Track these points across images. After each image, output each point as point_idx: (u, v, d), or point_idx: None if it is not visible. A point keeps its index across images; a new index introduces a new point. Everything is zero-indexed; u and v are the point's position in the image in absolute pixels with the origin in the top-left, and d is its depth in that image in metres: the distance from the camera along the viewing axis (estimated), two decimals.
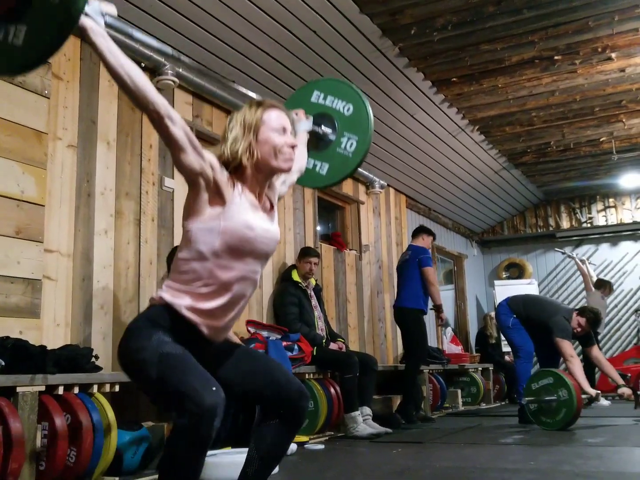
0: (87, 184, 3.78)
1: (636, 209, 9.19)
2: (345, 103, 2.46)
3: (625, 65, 5.33)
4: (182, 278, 1.80)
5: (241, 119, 1.87)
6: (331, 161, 2.46)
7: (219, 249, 1.76)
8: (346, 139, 2.43)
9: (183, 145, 1.69)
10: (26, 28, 1.56)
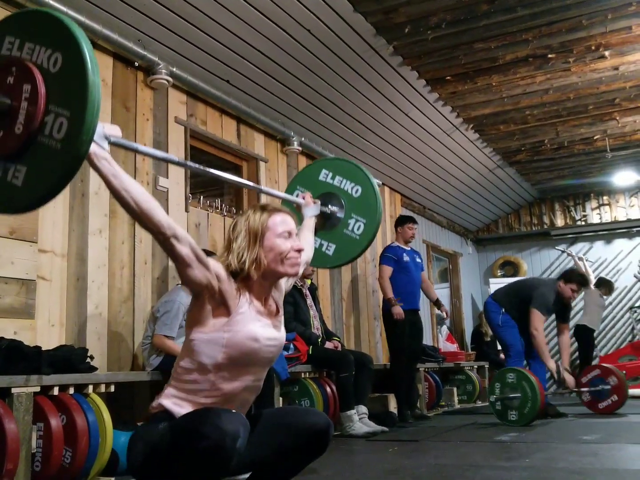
0: (81, 184, 3.77)
1: (630, 206, 9.22)
2: (353, 185, 2.47)
3: (619, 63, 5.35)
4: (183, 387, 1.77)
5: (246, 227, 1.85)
6: (338, 242, 2.44)
7: (221, 362, 1.74)
8: (354, 220, 2.43)
9: (189, 262, 1.67)
10: (26, 169, 1.50)
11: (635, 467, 2.95)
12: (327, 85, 5.15)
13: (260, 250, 1.81)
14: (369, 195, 2.45)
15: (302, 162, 6.11)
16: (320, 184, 2.52)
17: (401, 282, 5.63)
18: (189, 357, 1.77)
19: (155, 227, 1.60)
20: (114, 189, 1.56)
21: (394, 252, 5.76)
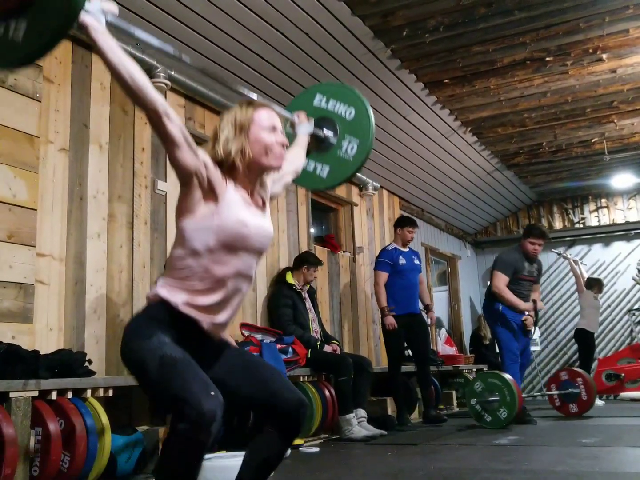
0: (80, 188, 3.77)
1: (628, 209, 9.22)
2: (347, 107, 2.48)
3: (616, 66, 5.36)
4: (177, 275, 1.81)
5: (232, 119, 1.89)
6: (332, 164, 2.47)
7: (213, 246, 1.78)
8: (347, 142, 2.45)
9: (179, 143, 1.70)
10: (26, 23, 1.57)
11: (635, 470, 2.95)
12: None
13: (245, 141, 1.87)
14: (362, 116, 2.46)
15: None
16: (315, 109, 2.54)
17: (397, 286, 5.59)
18: (181, 245, 1.81)
19: (150, 104, 1.64)
20: (111, 63, 1.62)
21: (390, 257, 5.72)
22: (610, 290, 9.24)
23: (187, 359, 1.69)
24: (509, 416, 4.82)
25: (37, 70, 3.57)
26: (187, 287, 1.79)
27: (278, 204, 5.68)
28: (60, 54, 3.77)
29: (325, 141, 2.48)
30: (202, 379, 1.65)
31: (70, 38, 3.82)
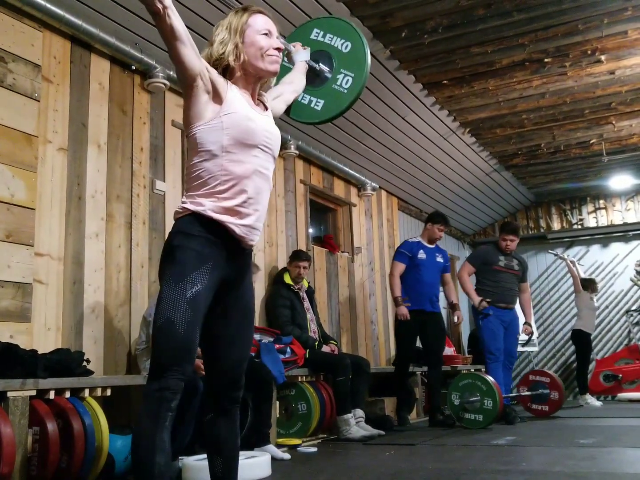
0: (78, 187, 3.77)
1: (626, 210, 9.24)
2: (343, 40, 2.47)
3: (615, 67, 5.36)
4: (198, 183, 1.85)
5: (227, 24, 1.94)
6: (326, 97, 2.46)
7: (226, 144, 1.82)
8: (342, 75, 2.43)
9: (184, 38, 1.76)
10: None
11: (633, 470, 2.95)
12: None
13: (240, 42, 1.90)
14: (358, 49, 2.45)
15: (299, 166, 6.11)
16: (311, 42, 2.52)
17: (411, 279, 5.47)
18: (196, 153, 1.85)
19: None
20: None
21: (409, 248, 5.57)
22: (608, 291, 9.25)
23: (186, 335, 1.73)
24: (489, 417, 4.91)
25: (35, 69, 3.57)
26: (210, 192, 1.82)
27: (276, 205, 5.68)
28: (59, 53, 3.77)
29: (320, 75, 2.46)
30: (183, 364, 1.72)
31: (69, 37, 3.82)
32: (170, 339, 1.72)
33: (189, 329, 1.74)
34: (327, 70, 2.47)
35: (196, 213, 1.80)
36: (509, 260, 5.80)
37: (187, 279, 1.75)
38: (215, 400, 1.92)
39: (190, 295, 1.74)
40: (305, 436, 4.48)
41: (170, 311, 1.73)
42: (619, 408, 6.95)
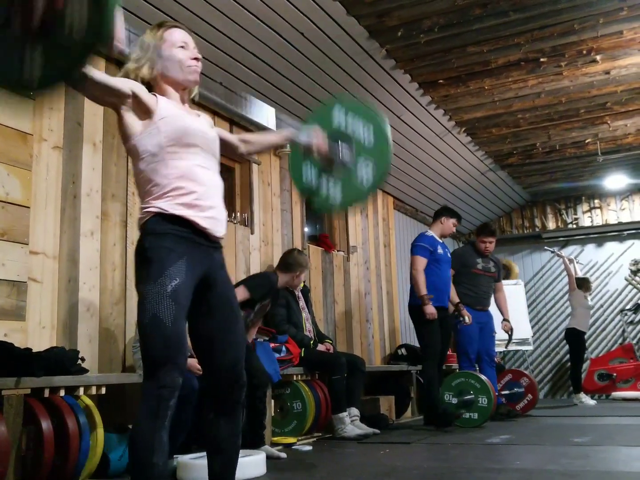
0: (73, 186, 3.76)
1: (621, 210, 9.26)
2: (366, 128, 2.37)
3: (610, 67, 5.38)
4: (149, 187, 1.88)
5: (140, 42, 1.99)
6: (344, 188, 2.38)
7: (165, 144, 1.87)
8: (362, 165, 2.35)
9: (104, 82, 1.83)
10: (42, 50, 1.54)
11: (627, 469, 2.96)
12: (320, 87, 5.16)
13: (155, 59, 1.96)
14: (381, 139, 2.33)
15: None
16: (333, 123, 2.43)
17: (433, 275, 5.22)
18: (138, 159, 1.90)
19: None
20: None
21: (430, 242, 5.31)
22: (603, 290, 9.28)
23: (174, 327, 1.74)
24: (484, 415, 4.95)
25: None
26: (162, 193, 1.86)
27: (273, 203, 5.68)
28: None
29: (339, 164, 2.36)
30: (176, 358, 1.73)
31: None
32: (160, 335, 1.73)
33: (176, 322, 1.75)
34: (346, 157, 2.36)
35: (159, 213, 1.84)
36: (486, 262, 5.83)
37: (165, 274, 1.76)
38: (216, 400, 1.92)
39: (171, 290, 1.75)
40: (301, 435, 4.48)
41: (155, 307, 1.74)
42: (613, 407, 6.98)
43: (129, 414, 3.69)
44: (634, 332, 9.01)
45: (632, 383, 8.22)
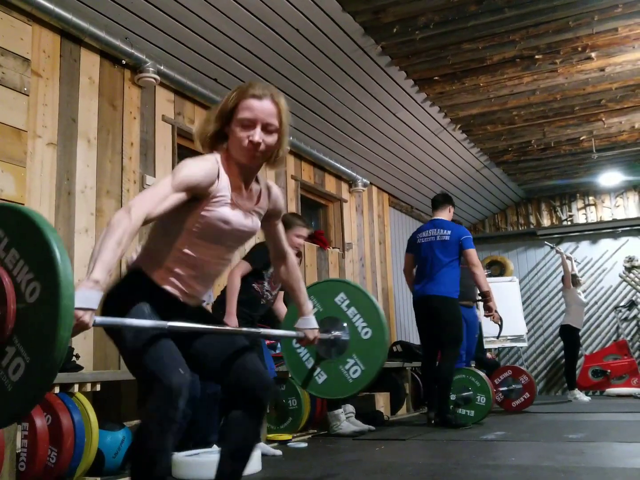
0: (68, 182, 3.75)
1: (615, 206, 9.29)
2: (365, 324, 2.28)
3: (605, 64, 5.38)
4: (157, 247, 1.84)
5: (220, 104, 1.86)
6: (330, 374, 2.31)
7: (193, 231, 1.80)
8: (352, 362, 2.26)
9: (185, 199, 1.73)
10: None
11: (621, 465, 2.97)
12: (315, 84, 5.15)
13: (226, 126, 1.84)
14: (377, 343, 2.23)
15: (290, 162, 6.10)
16: (333, 305, 2.34)
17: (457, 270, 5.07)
18: (163, 224, 1.82)
19: (144, 217, 1.63)
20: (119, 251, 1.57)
21: None
22: (597, 287, 9.30)
23: (161, 336, 1.73)
24: (481, 412, 4.97)
25: (25, 63, 3.54)
26: (164, 267, 1.83)
27: None
28: (49, 47, 3.74)
29: (329, 353, 2.29)
30: (174, 356, 1.70)
31: (59, 31, 3.79)
32: (152, 342, 1.69)
33: (163, 334, 1.73)
34: (338, 350, 2.28)
35: (144, 274, 1.82)
36: None
37: (136, 304, 1.76)
38: (243, 400, 1.88)
39: (147, 312, 1.76)
40: (296, 431, 4.48)
41: (139, 333, 1.70)
42: (608, 403, 7.00)
43: (124, 412, 3.69)
44: (628, 328, 9.04)
45: (626, 379, 8.25)
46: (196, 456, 3.02)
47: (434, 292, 4.90)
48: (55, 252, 1.35)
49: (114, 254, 1.52)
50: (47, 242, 1.36)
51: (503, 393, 6.08)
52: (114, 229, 1.55)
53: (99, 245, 1.53)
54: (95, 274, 1.48)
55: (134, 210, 1.58)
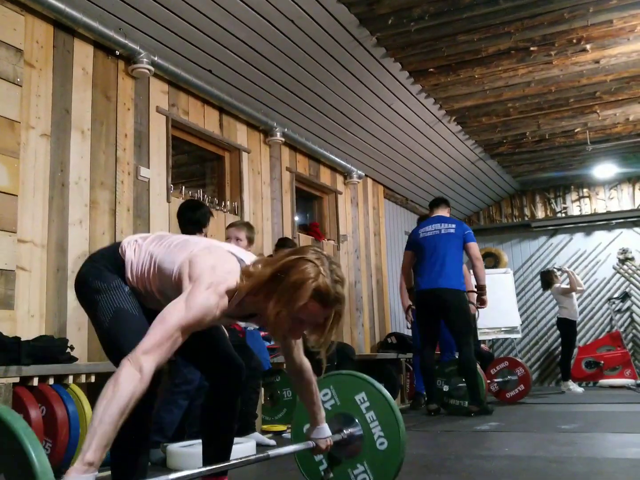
0: (61, 174, 3.74)
1: (610, 199, 9.31)
2: (382, 434, 2.13)
3: (600, 56, 5.38)
4: (139, 269, 1.82)
5: (289, 283, 1.62)
6: (336, 473, 2.19)
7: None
8: (362, 470, 2.14)
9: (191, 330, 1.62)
10: None
11: (614, 455, 3.00)
12: (310, 75, 5.14)
13: (285, 310, 1.62)
14: (392, 457, 2.09)
15: (285, 153, 6.09)
16: (350, 403, 2.19)
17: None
18: (158, 277, 1.80)
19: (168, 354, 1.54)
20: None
21: None
22: (591, 279, 9.34)
23: (140, 318, 1.75)
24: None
25: (17, 54, 3.52)
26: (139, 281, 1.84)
27: (262, 192, 5.67)
28: (42, 38, 3.72)
29: (339, 453, 2.16)
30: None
31: (52, 22, 3.77)
32: (130, 324, 1.72)
33: (141, 313, 1.77)
34: (350, 451, 2.16)
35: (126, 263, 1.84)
36: None
37: (116, 281, 1.80)
38: (216, 387, 1.94)
39: (127, 291, 1.79)
40: (290, 423, 4.49)
41: (117, 303, 1.74)
42: (600, 394, 7.05)
43: None
44: (621, 320, 9.08)
45: (619, 371, 8.30)
46: (190, 447, 3.03)
47: (446, 285, 4.98)
48: (29, 450, 1.15)
49: (115, 427, 1.38)
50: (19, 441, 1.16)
51: (498, 384, 6.13)
52: (120, 391, 1.41)
53: (100, 411, 1.38)
54: (89, 455, 1.33)
55: (146, 366, 1.44)
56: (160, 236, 1.92)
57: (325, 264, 1.67)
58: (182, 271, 1.66)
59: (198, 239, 1.90)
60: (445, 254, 5.04)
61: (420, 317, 5.22)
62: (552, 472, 2.54)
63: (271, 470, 2.82)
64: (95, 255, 1.94)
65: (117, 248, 1.90)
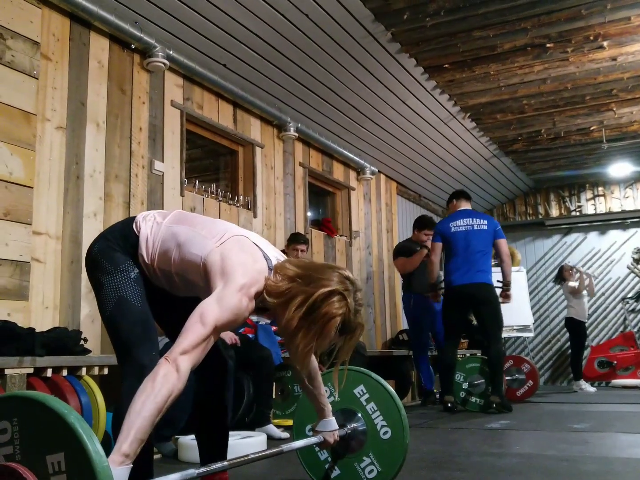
0: (76, 166, 3.76)
1: (625, 197, 9.23)
2: (384, 423, 2.14)
3: (617, 54, 5.33)
4: (158, 250, 1.79)
5: (320, 319, 1.63)
6: (343, 470, 2.20)
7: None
8: (369, 461, 2.15)
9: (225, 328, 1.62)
10: None
11: (625, 455, 2.98)
12: (325, 70, 5.13)
13: (307, 327, 1.63)
14: (397, 445, 2.10)
15: (299, 148, 6.09)
16: (350, 396, 2.20)
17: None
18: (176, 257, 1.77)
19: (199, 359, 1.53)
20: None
21: None
22: (605, 278, 9.28)
23: (143, 308, 1.75)
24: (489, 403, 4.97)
25: (34, 47, 3.54)
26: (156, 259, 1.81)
27: (275, 187, 5.68)
28: (58, 31, 3.74)
29: (344, 448, 2.17)
30: (149, 333, 1.73)
31: (68, 15, 3.79)
32: (130, 315, 1.72)
33: (144, 303, 1.76)
34: (354, 445, 2.17)
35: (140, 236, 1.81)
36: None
37: (125, 264, 1.78)
38: (206, 378, 1.93)
39: (133, 276, 1.77)
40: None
41: (120, 291, 1.74)
42: (613, 394, 7.00)
43: None
44: (635, 320, 9.02)
45: (632, 371, 8.25)
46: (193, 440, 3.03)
47: (482, 280, 5.07)
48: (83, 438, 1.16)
49: (152, 423, 1.38)
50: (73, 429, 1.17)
51: (507, 383, 6.11)
52: (159, 389, 1.39)
53: (139, 406, 1.37)
54: (126, 447, 1.34)
55: (183, 366, 1.44)
56: (182, 214, 1.88)
57: (351, 295, 1.70)
58: (212, 263, 1.64)
59: (225, 223, 1.86)
60: (479, 250, 5.13)
61: (451, 313, 5.25)
62: (562, 471, 2.53)
63: (282, 464, 2.83)
64: (108, 233, 1.88)
65: (130, 223, 1.86)
